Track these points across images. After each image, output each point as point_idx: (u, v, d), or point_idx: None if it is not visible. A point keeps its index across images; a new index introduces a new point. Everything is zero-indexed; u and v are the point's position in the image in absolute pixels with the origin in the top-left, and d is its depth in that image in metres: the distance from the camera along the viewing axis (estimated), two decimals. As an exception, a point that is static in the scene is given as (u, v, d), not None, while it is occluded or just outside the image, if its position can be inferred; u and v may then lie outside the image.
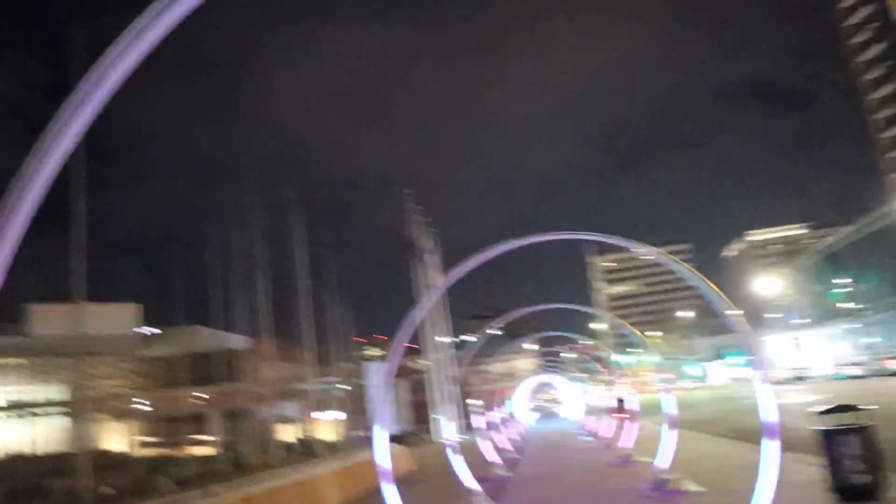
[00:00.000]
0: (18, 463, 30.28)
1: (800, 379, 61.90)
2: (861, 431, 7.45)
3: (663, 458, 11.06)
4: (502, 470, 15.85)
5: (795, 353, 77.13)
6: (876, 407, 7.89)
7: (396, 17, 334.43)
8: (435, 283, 41.43)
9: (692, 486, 10.44)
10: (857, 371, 53.90)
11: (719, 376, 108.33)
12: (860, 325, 58.84)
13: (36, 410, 48.95)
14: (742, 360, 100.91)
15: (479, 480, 14.86)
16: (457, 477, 11.55)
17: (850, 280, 63.93)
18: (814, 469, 10.12)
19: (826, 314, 67.21)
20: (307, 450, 32.62)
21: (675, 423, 11.95)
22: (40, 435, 41.71)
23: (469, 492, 11.61)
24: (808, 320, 74.48)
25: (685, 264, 7.26)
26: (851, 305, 61.18)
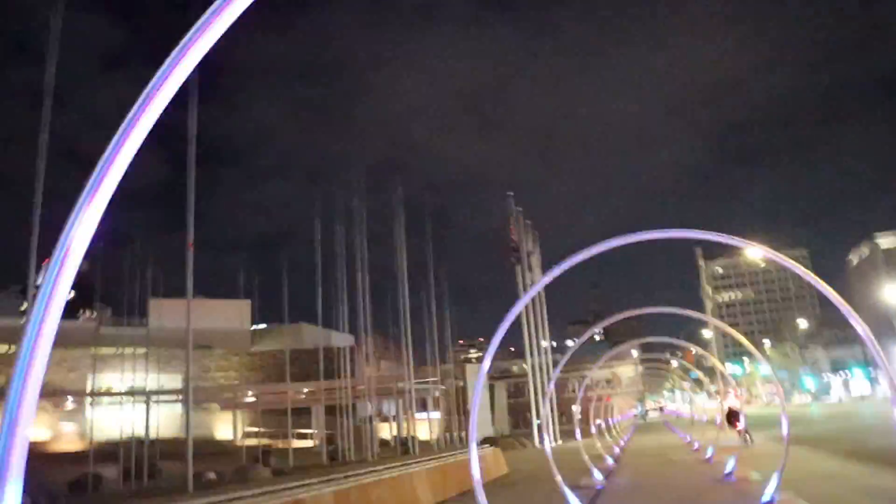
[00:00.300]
0: (135, 445, 32.13)
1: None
2: None
3: (773, 477, 10.24)
4: (597, 479, 15.31)
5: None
6: None
7: (504, 22, 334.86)
8: (536, 282, 40.97)
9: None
10: None
11: (839, 391, 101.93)
12: None
13: (153, 397, 51.83)
14: (864, 374, 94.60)
15: (573, 488, 14.41)
16: (550, 483, 11.17)
17: None
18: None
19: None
20: (403, 448, 32.86)
21: (787, 440, 11.09)
22: (156, 420, 44.12)
23: (562, 500, 11.21)
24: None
25: (800, 267, 6.59)
26: None
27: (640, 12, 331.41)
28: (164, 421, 50.03)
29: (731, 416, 25.23)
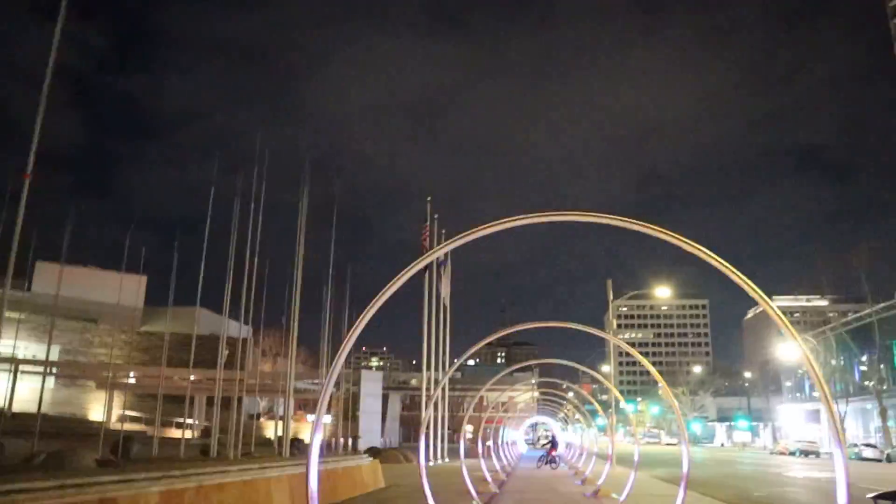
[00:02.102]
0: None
1: (807, 453, 59.35)
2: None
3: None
4: (476, 503, 14.24)
5: (808, 426, 74.46)
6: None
7: (455, 37, 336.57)
8: (445, 296, 39.97)
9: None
10: (870, 453, 51.33)
11: (722, 438, 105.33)
12: (878, 406, 56.32)
13: (23, 367, 47.99)
14: (746, 424, 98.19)
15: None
16: (425, 503, 10.00)
17: (874, 357, 61.51)
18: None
19: (845, 390, 64.72)
20: (282, 449, 31.10)
21: (685, 484, 10.31)
22: (29, 394, 40.65)
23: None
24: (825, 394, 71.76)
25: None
26: (873, 384, 58.68)
27: (588, 48, 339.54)
28: (34, 395, 46.35)
29: (552, 445, 32.96)
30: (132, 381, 53.30)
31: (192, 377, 46.16)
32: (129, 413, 53.87)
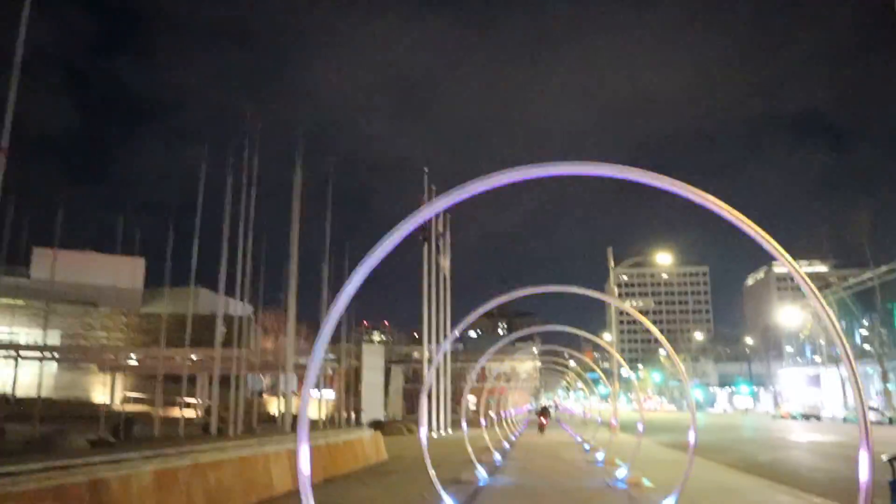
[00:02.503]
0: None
1: (809, 417, 59.51)
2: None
3: (673, 490, 9.24)
4: (480, 474, 14.07)
5: (809, 390, 74.62)
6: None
7: (446, 15, 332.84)
8: (445, 269, 39.73)
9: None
10: (872, 416, 51.43)
11: (724, 404, 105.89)
12: (879, 369, 56.35)
13: (24, 353, 47.86)
14: (747, 389, 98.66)
15: (453, 483, 13.13)
16: (428, 475, 9.79)
17: (874, 321, 61.43)
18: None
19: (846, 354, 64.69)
20: (286, 425, 31.08)
21: (693, 452, 10.11)
22: (32, 379, 40.58)
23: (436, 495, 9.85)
24: (826, 358, 72.08)
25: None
26: (874, 347, 58.66)
27: (582, 22, 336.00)
28: (36, 380, 46.45)
29: (544, 412, 34.53)
30: (134, 363, 53.23)
31: (192, 357, 46.31)
32: (131, 395, 53.88)
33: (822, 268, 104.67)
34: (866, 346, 63.75)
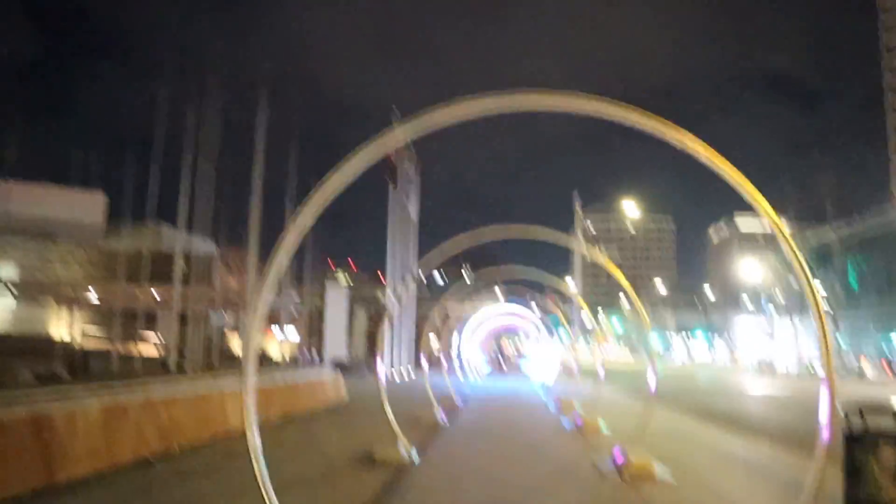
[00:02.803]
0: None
1: (762, 368, 61.29)
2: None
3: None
4: (440, 417, 14.12)
5: (765, 342, 76.62)
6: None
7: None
8: (411, 212, 39.42)
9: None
10: (823, 371, 53.06)
11: (681, 353, 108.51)
12: (833, 324, 57.94)
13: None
14: (705, 339, 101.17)
15: (413, 424, 13.14)
16: (387, 416, 9.73)
17: (830, 279, 62.96)
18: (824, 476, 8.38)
19: (803, 308, 66.39)
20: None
21: (651, 398, 10.19)
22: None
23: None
24: (784, 311, 74.02)
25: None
26: (829, 303, 60.18)
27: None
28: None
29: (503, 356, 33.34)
30: (94, 298, 52.42)
31: (154, 293, 45.67)
32: (91, 330, 53.21)
33: (790, 223, 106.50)
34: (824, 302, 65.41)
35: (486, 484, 8.11)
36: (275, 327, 44.19)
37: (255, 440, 4.12)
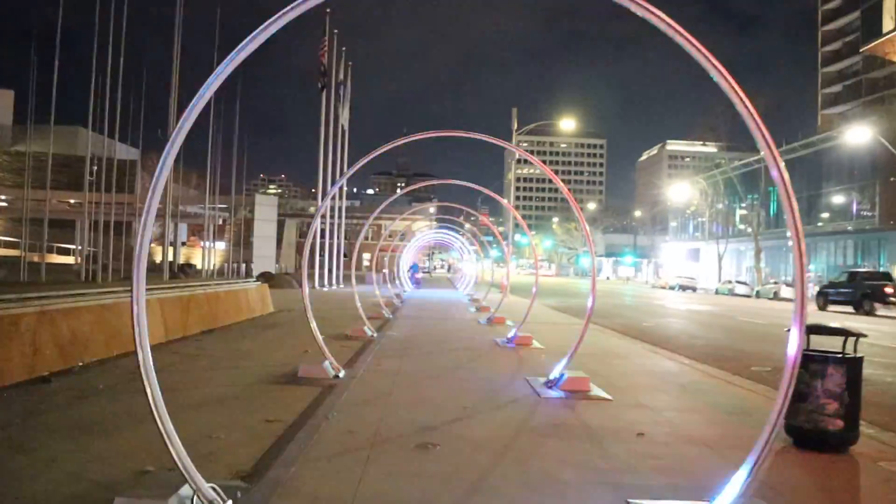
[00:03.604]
0: None
1: (685, 288, 63.31)
2: (847, 364, 5.41)
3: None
4: (368, 330, 13.72)
5: (688, 263, 79.02)
6: (866, 335, 5.88)
7: None
8: (343, 121, 38.03)
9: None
10: (742, 290, 55.16)
11: (608, 272, 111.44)
12: (753, 248, 59.96)
13: None
14: (631, 260, 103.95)
15: (341, 338, 12.74)
16: (307, 328, 9.21)
17: (755, 203, 64.77)
18: (752, 396, 8.38)
19: (725, 231, 68.45)
20: (172, 274, 29.87)
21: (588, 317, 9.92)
22: None
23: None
24: (707, 235, 76.15)
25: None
26: (752, 227, 62.14)
27: None
28: None
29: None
30: (3, 203, 49.57)
31: (70, 200, 43.31)
32: (6, 238, 50.59)
33: (712, 149, 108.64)
34: (743, 226, 67.54)
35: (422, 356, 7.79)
36: (203, 239, 42.73)
37: (147, 357, 3.52)
